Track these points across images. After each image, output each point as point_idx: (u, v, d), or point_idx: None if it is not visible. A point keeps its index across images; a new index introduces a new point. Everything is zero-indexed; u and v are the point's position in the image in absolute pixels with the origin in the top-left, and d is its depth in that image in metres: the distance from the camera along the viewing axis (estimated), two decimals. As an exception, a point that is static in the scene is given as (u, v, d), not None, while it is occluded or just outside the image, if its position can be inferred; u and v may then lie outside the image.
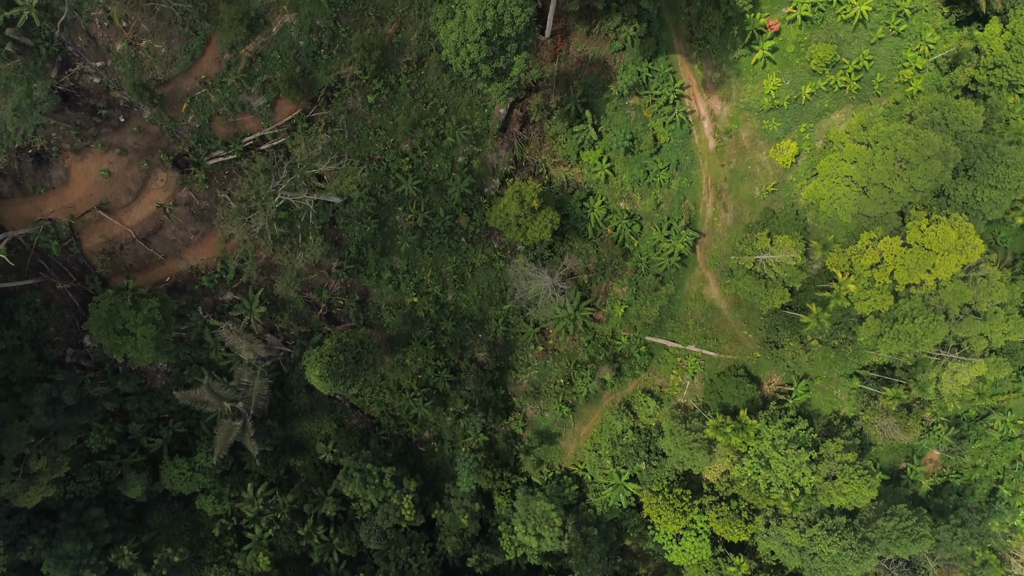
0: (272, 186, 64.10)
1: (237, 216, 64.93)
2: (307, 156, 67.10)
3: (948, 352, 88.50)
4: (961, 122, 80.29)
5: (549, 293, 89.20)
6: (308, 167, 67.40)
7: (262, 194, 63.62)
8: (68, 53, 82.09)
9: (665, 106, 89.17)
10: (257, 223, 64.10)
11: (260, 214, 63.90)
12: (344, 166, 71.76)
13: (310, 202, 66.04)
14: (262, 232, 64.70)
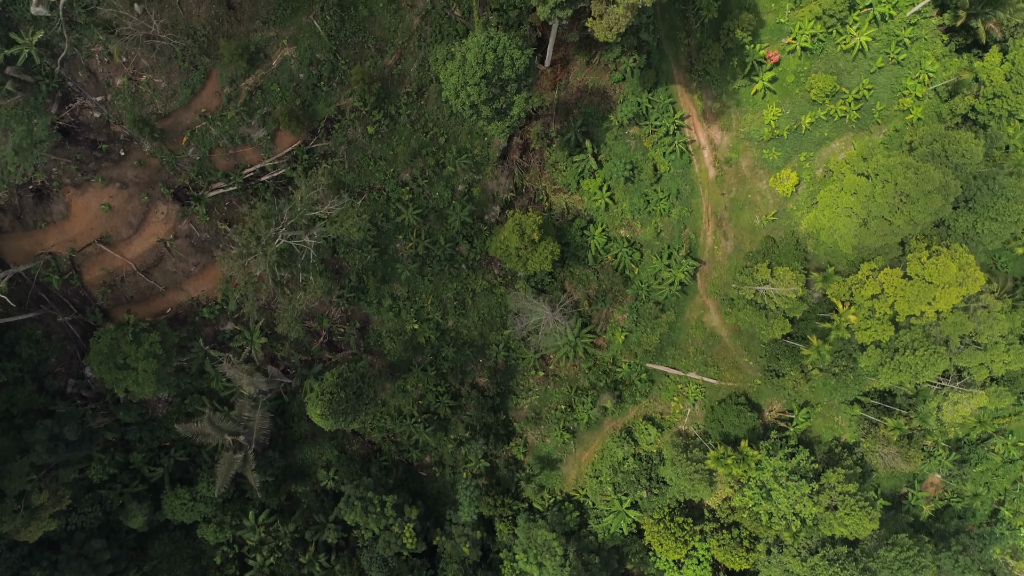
0: (272, 231, 64.09)
1: (237, 260, 64.92)
2: (307, 199, 67.04)
3: (949, 382, 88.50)
4: (961, 155, 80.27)
5: (549, 325, 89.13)
6: (308, 210, 67.40)
7: (262, 239, 63.61)
8: (68, 89, 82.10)
9: (665, 137, 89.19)
10: (257, 267, 64.11)
11: (260, 259, 63.93)
12: (345, 207, 71.66)
13: (310, 244, 65.96)
14: (262, 276, 64.65)
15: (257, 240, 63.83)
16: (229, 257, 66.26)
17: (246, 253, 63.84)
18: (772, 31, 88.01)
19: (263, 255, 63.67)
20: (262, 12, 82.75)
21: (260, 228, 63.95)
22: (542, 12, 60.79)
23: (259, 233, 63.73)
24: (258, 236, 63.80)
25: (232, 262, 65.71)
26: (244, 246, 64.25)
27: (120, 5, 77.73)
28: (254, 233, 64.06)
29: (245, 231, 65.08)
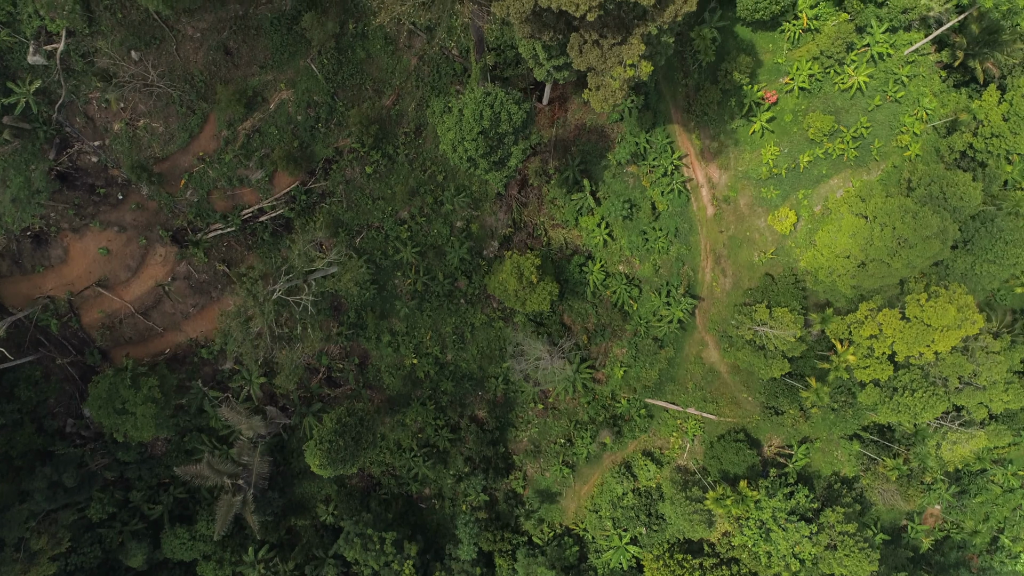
0: (269, 288, 64.16)
1: (235, 319, 64.99)
2: (304, 253, 67.04)
3: (948, 421, 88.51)
4: (959, 197, 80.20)
5: (548, 367, 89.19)
6: (305, 266, 67.42)
7: (259, 298, 63.69)
8: (66, 134, 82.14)
9: (663, 176, 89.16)
10: (255, 326, 64.23)
11: (258, 318, 64.04)
12: (343, 262, 71.68)
13: (308, 301, 66.00)
14: (260, 334, 64.80)
15: (254, 298, 63.88)
16: (227, 315, 66.28)
17: (244, 311, 63.90)
18: (769, 71, 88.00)
19: (261, 314, 63.78)
20: (259, 57, 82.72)
21: (257, 287, 63.99)
22: (539, 74, 60.72)
23: (256, 292, 63.77)
24: (255, 295, 63.84)
25: (230, 320, 65.77)
26: (242, 304, 64.30)
27: (117, 53, 77.70)
28: (251, 293, 64.10)
29: (242, 292, 65.13)
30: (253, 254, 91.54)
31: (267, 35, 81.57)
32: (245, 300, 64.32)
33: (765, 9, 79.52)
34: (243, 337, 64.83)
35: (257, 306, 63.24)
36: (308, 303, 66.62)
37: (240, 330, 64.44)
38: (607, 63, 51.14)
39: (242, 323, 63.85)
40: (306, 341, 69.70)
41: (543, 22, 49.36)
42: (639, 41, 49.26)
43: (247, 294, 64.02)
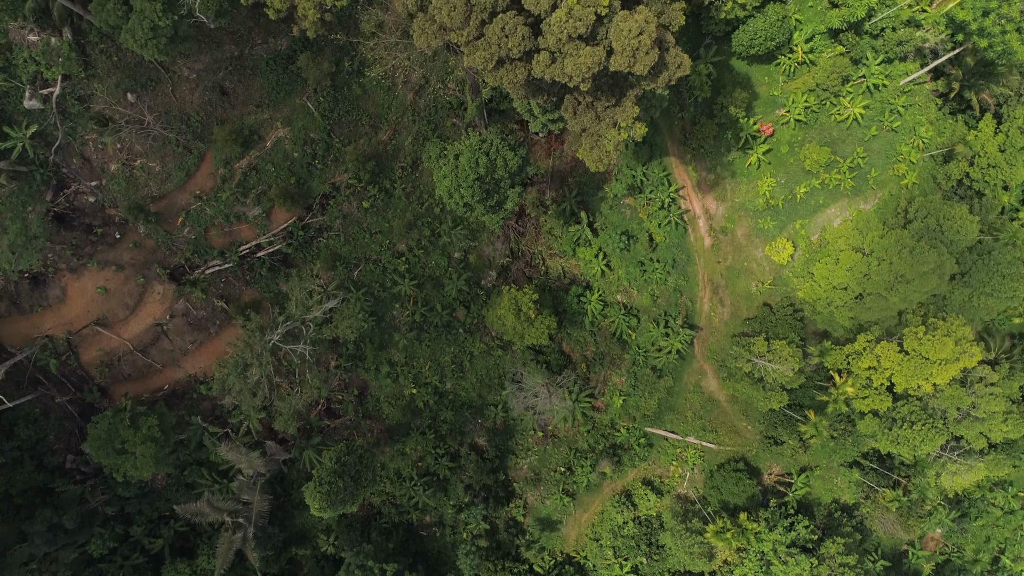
0: (267, 338, 64.26)
1: (234, 370, 65.02)
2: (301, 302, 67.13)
3: (947, 452, 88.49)
4: (956, 230, 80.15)
5: (548, 404, 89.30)
6: (303, 314, 67.50)
7: (256, 349, 63.76)
8: (63, 175, 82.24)
9: (660, 209, 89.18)
10: (253, 376, 64.29)
11: (256, 368, 64.08)
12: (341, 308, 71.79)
13: (306, 350, 66.10)
14: (259, 383, 64.87)
15: (252, 350, 63.95)
16: (225, 365, 66.33)
17: (243, 364, 63.97)
18: (765, 103, 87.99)
19: (259, 364, 63.84)
20: (255, 96, 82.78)
21: (255, 340, 64.06)
22: (534, 126, 60.77)
23: (253, 344, 63.84)
24: (252, 346, 63.89)
25: (228, 370, 65.81)
26: (240, 356, 64.37)
27: (113, 96, 77.78)
28: (249, 345, 64.15)
29: (240, 344, 65.19)
30: (251, 289, 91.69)
31: (263, 75, 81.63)
32: (243, 351, 64.34)
33: (760, 45, 79.54)
34: (241, 386, 64.88)
35: (254, 356, 63.29)
36: (306, 351, 66.67)
37: (238, 380, 64.50)
38: (601, 125, 51.21)
39: (240, 373, 63.87)
40: (304, 387, 69.69)
41: (537, 87, 49.41)
42: (633, 103, 49.31)
43: (244, 345, 64.04)
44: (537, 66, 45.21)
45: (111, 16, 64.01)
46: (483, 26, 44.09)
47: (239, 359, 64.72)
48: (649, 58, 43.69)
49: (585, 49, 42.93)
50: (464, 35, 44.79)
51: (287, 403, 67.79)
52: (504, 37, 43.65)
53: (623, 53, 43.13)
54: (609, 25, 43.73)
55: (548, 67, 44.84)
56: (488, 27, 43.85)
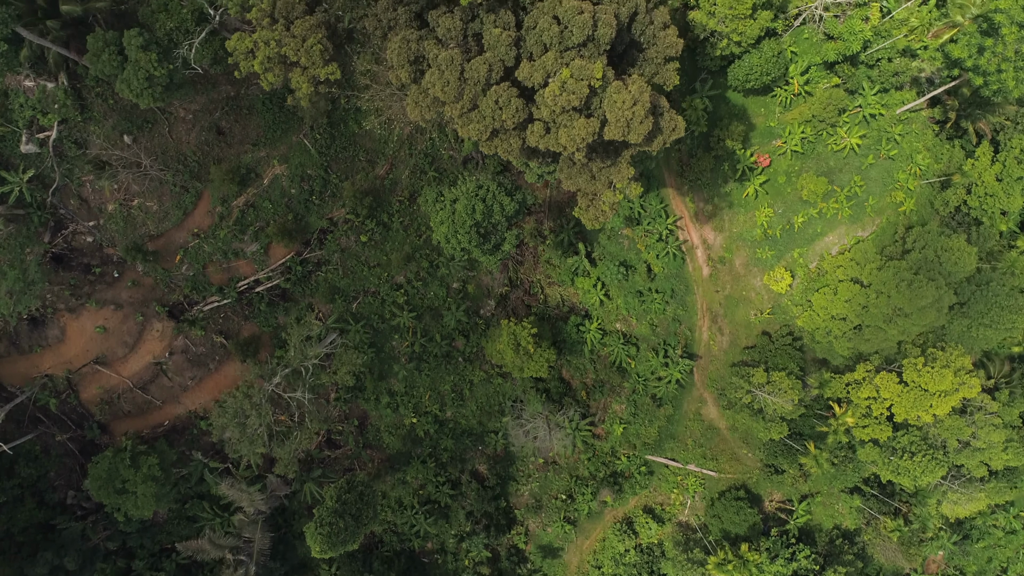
0: (265, 387, 64.33)
1: (233, 420, 65.12)
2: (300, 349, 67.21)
3: (948, 481, 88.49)
4: (954, 262, 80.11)
5: (548, 440, 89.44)
6: (301, 360, 67.54)
7: (255, 399, 63.84)
8: (60, 216, 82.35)
9: (658, 241, 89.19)
10: (252, 426, 64.37)
11: (255, 418, 64.15)
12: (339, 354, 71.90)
13: (305, 398, 66.15)
14: (258, 433, 64.95)
15: (250, 401, 64.04)
16: (223, 414, 66.41)
17: (242, 415, 64.08)
18: (762, 134, 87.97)
19: (258, 415, 63.93)
20: (252, 135, 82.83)
21: (254, 391, 64.15)
22: (529, 177, 60.84)
23: (252, 395, 63.93)
24: (251, 397, 63.99)
25: (229, 423, 65.89)
26: (239, 407, 64.46)
27: (110, 138, 77.86)
28: (248, 396, 64.24)
29: (239, 395, 65.27)
30: (250, 324, 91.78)
31: (259, 114, 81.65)
32: (241, 401, 64.45)
33: (756, 80, 79.52)
34: (240, 436, 65.00)
35: (253, 407, 63.36)
36: (305, 399, 66.73)
37: (237, 430, 64.63)
38: (597, 185, 51.25)
39: (238, 423, 64.00)
40: (304, 433, 69.76)
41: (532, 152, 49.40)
42: (628, 163, 49.34)
43: (243, 396, 64.12)
44: (531, 136, 45.24)
45: (106, 66, 64.03)
46: (477, 97, 44.13)
47: (238, 409, 64.77)
48: (643, 127, 43.70)
49: (579, 121, 43.00)
50: (458, 108, 44.80)
51: (287, 449, 67.88)
52: (498, 109, 43.71)
53: (617, 124, 43.16)
54: (603, 95, 43.75)
55: (542, 137, 44.87)
56: (482, 99, 43.88)
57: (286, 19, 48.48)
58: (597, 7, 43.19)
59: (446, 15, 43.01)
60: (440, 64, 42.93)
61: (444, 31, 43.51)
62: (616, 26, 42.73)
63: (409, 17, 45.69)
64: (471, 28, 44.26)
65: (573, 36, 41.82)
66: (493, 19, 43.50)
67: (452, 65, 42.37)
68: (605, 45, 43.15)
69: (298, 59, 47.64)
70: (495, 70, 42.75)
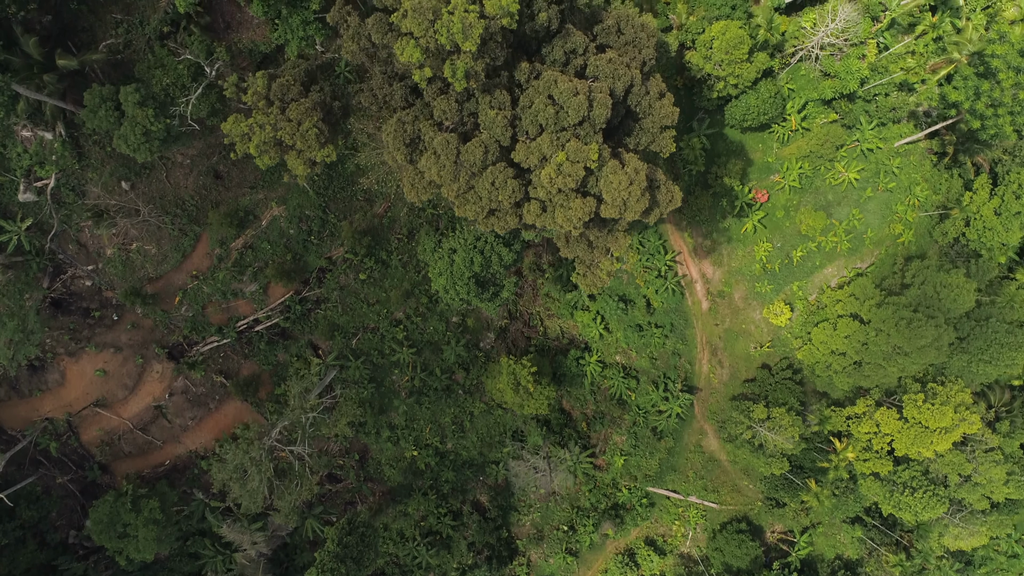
0: (265, 440, 64.35)
1: (232, 475, 65.13)
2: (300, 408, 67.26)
3: (949, 515, 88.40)
4: (953, 299, 80.00)
5: (549, 481, 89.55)
6: (301, 414, 67.57)
7: (255, 455, 63.88)
8: (59, 261, 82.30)
9: (657, 278, 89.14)
10: (252, 481, 64.40)
11: (254, 474, 64.19)
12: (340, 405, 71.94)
13: (305, 452, 66.21)
14: (258, 488, 64.99)
15: (250, 457, 64.05)
16: (224, 469, 66.45)
17: (242, 471, 64.12)
18: (760, 169, 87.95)
19: (258, 472, 63.95)
20: (249, 178, 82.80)
21: (253, 449, 64.17)
22: (527, 234, 60.77)
23: (251, 453, 63.95)
24: (251, 454, 64.00)
25: (227, 476, 65.90)
26: (239, 463, 64.49)
27: (107, 185, 77.85)
28: (247, 453, 64.25)
29: (239, 452, 65.32)
30: (250, 362, 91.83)
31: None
32: (241, 458, 64.50)
33: (754, 119, 79.52)
34: (240, 490, 65.02)
35: (253, 464, 63.37)
36: (305, 454, 66.76)
37: (236, 485, 64.66)
38: (595, 253, 51.22)
39: (238, 479, 64.03)
40: (304, 483, 69.79)
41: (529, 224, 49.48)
42: (624, 232, 49.32)
43: (243, 453, 64.18)
44: (528, 215, 45.23)
45: (103, 122, 64.01)
46: (473, 179, 44.06)
47: (238, 465, 64.81)
48: (640, 205, 43.68)
49: (576, 201, 42.99)
50: (454, 189, 44.78)
51: (287, 501, 67.90)
52: (494, 191, 43.68)
53: (614, 204, 43.10)
54: (599, 174, 43.71)
55: (539, 216, 44.86)
56: (478, 180, 43.80)
57: (282, 101, 48.46)
58: (592, 85, 43.16)
59: (442, 97, 42.99)
60: (436, 148, 42.85)
61: (440, 113, 43.52)
62: (611, 105, 42.65)
63: (405, 92, 45.69)
64: (467, 108, 44.20)
65: (569, 117, 41.80)
66: (489, 100, 43.48)
67: (448, 149, 42.30)
68: (601, 124, 43.13)
69: (294, 143, 47.65)
70: (491, 151, 42.64)
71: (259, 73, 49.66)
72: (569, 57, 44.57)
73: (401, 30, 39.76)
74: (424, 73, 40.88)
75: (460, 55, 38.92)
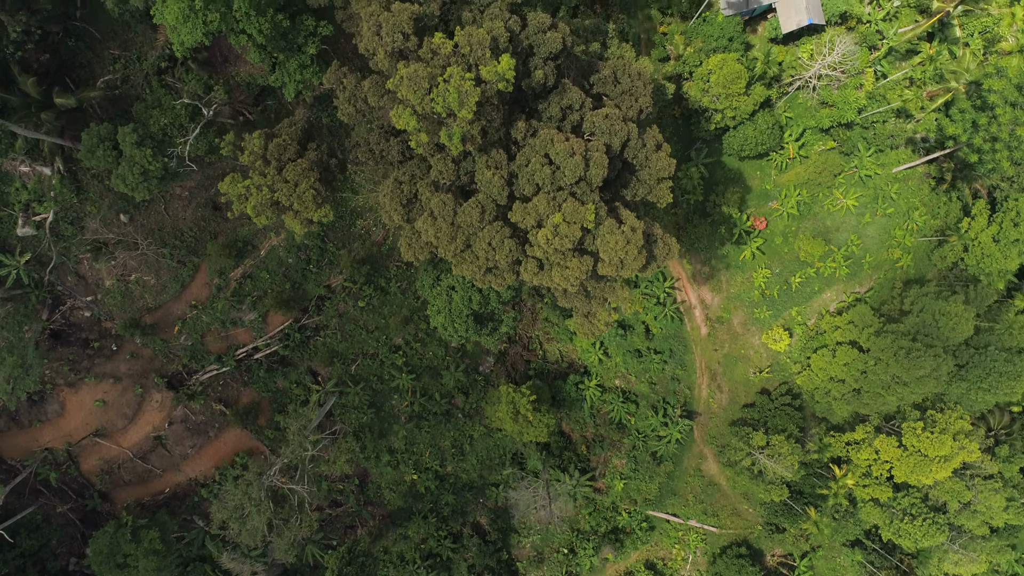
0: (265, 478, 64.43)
1: (232, 515, 65.19)
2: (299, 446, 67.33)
3: (949, 542, 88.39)
4: (952, 328, 79.97)
5: (549, 516, 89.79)
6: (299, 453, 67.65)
7: (254, 496, 63.99)
8: (58, 293, 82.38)
9: (656, 305, 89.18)
10: (252, 521, 64.45)
11: (254, 516, 64.24)
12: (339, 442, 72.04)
13: (304, 491, 66.31)
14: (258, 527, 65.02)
15: (249, 498, 64.13)
16: (224, 509, 66.51)
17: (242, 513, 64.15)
18: (758, 196, 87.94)
19: (258, 513, 64.01)
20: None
21: (253, 490, 64.25)
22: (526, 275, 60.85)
23: (251, 494, 64.04)
24: (250, 495, 64.10)
25: (227, 515, 65.96)
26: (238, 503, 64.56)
27: (105, 220, 77.95)
28: (247, 494, 64.34)
29: (238, 493, 65.40)
30: (249, 390, 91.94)
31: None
32: (240, 499, 64.59)
33: (751, 149, 79.55)
34: (240, 529, 65.11)
35: (253, 505, 63.46)
36: (305, 492, 66.87)
37: (236, 524, 64.74)
38: (592, 303, 51.31)
39: (238, 518, 64.11)
40: (304, 520, 69.87)
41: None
42: (622, 284, 49.39)
43: (243, 495, 64.27)
44: (525, 273, 45.29)
45: (101, 161, 64.07)
46: (470, 239, 44.10)
47: (238, 505, 64.90)
48: (637, 263, 43.77)
49: (573, 260, 43.09)
50: (451, 250, 44.89)
51: (285, 539, 67.97)
52: (491, 250, 43.75)
53: (611, 263, 43.21)
54: (596, 232, 43.78)
55: (536, 274, 44.92)
56: (475, 240, 43.87)
57: (278, 160, 48.49)
58: (589, 143, 43.18)
59: (438, 157, 43.05)
60: (432, 209, 42.94)
61: (437, 173, 43.58)
62: (608, 163, 42.69)
63: (401, 147, 45.70)
64: (464, 166, 44.24)
65: (565, 177, 41.82)
66: (485, 159, 43.52)
67: (444, 210, 42.36)
68: (597, 184, 43.17)
69: (291, 204, 47.70)
70: (488, 211, 42.72)
71: (256, 133, 49.73)
72: (565, 113, 44.66)
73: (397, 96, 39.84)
74: (420, 139, 40.94)
75: (456, 120, 38.96)
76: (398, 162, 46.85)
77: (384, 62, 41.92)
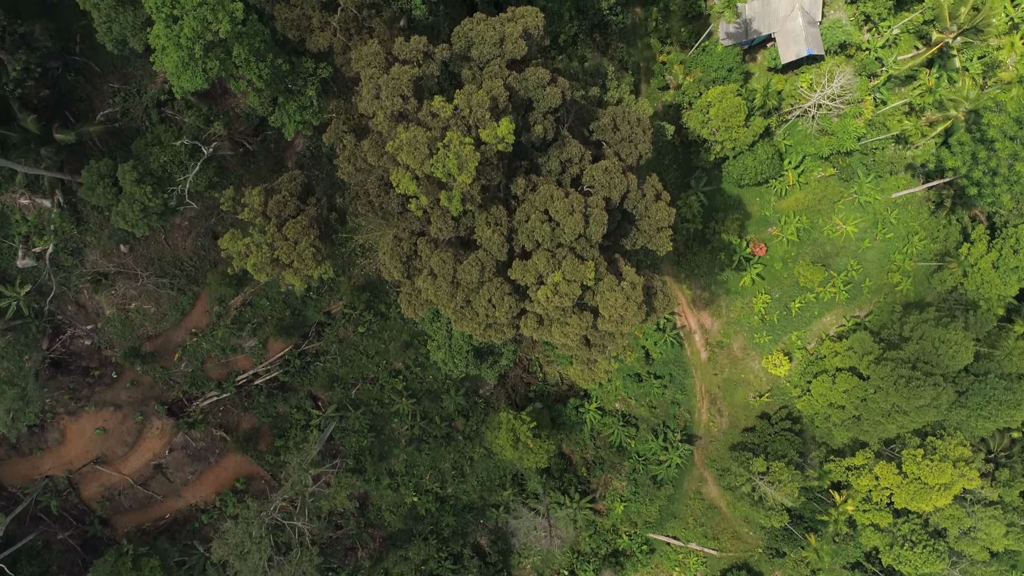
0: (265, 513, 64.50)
1: (233, 552, 65.26)
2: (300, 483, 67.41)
3: (949, 567, 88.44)
4: (951, 356, 80.00)
5: (549, 542, 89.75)
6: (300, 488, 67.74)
7: (254, 535, 64.05)
8: (58, 322, 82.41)
9: (656, 331, 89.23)
10: (252, 558, 64.53)
11: (254, 554, 64.31)
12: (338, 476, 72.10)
13: (305, 527, 66.37)
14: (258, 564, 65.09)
15: (249, 536, 64.20)
16: (225, 546, 66.58)
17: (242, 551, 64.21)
18: (758, 222, 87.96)
19: (258, 550, 64.07)
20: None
21: (253, 528, 64.30)
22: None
23: (251, 532, 64.11)
24: (250, 533, 64.16)
25: (228, 552, 66.02)
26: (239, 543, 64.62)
27: (105, 251, 77.98)
28: (247, 532, 64.41)
29: (239, 532, 65.49)
30: (249, 416, 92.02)
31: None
32: (241, 537, 64.70)
33: (751, 178, 79.58)
34: (240, 566, 65.23)
35: (253, 542, 63.52)
36: (305, 528, 66.95)
37: (238, 560, 64.85)
38: (592, 351, 51.36)
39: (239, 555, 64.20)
40: (305, 555, 69.93)
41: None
42: (622, 335, 49.50)
43: (243, 533, 64.38)
44: (526, 329, 45.40)
45: (101, 198, 64.13)
46: (470, 295, 44.15)
47: (238, 543, 64.95)
48: (636, 318, 43.86)
49: (573, 317, 43.15)
50: (451, 307, 44.95)
51: (286, 573, 68.01)
52: (491, 307, 43.81)
53: (611, 319, 43.32)
54: (596, 288, 43.84)
55: (536, 329, 45.04)
56: (475, 297, 43.93)
57: (278, 217, 48.56)
58: (588, 200, 43.23)
59: (438, 214, 43.09)
60: (432, 267, 43.00)
61: (436, 230, 43.64)
62: (607, 218, 42.72)
63: (401, 200, 45.85)
64: (463, 222, 44.29)
65: (565, 235, 41.89)
66: (485, 217, 43.58)
67: (444, 268, 42.42)
68: (597, 240, 43.23)
69: (291, 262, 47.80)
70: (487, 268, 42.78)
71: (255, 189, 49.72)
72: (565, 166, 44.70)
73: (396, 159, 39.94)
74: (420, 202, 40.95)
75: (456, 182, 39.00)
76: (398, 213, 46.99)
77: (383, 124, 42.00)
